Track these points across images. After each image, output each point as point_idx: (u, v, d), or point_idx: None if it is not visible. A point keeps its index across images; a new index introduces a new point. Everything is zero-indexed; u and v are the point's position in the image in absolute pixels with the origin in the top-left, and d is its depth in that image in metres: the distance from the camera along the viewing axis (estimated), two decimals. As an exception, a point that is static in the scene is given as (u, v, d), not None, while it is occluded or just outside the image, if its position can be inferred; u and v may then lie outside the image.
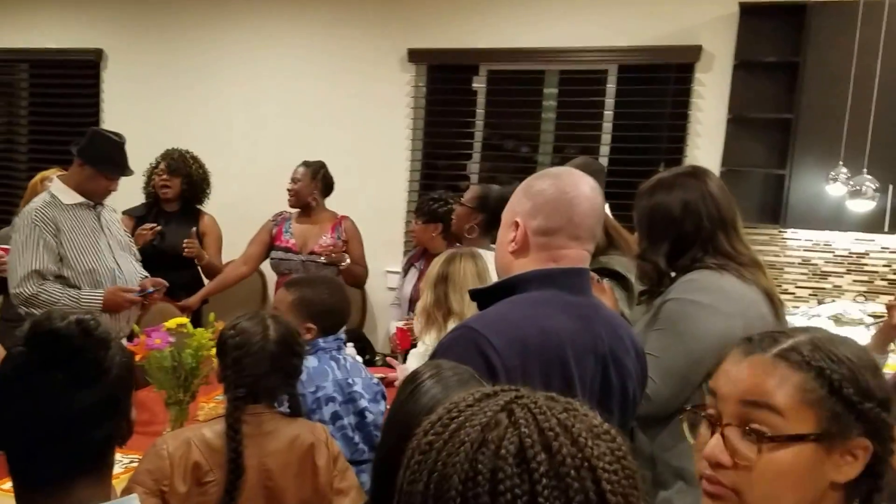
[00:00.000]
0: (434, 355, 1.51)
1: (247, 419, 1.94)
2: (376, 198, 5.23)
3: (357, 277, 4.38)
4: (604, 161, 4.82)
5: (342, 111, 5.36)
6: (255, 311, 2.09)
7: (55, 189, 3.35)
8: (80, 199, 3.33)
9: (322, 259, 4.20)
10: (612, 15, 4.78)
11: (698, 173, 2.16)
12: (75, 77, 6.04)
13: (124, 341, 2.93)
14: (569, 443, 0.71)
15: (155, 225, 4.26)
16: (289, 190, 4.30)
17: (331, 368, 2.46)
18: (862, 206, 3.99)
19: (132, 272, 3.46)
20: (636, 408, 1.69)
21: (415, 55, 5.16)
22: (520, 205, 1.64)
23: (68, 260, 3.25)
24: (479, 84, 5.18)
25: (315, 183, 4.33)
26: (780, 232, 4.59)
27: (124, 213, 4.32)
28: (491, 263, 2.51)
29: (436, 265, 3.05)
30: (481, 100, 5.20)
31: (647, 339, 2.04)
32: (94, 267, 3.30)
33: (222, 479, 1.90)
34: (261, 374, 1.97)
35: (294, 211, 4.40)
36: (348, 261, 4.22)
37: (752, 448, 1.04)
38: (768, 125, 4.43)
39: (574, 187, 1.61)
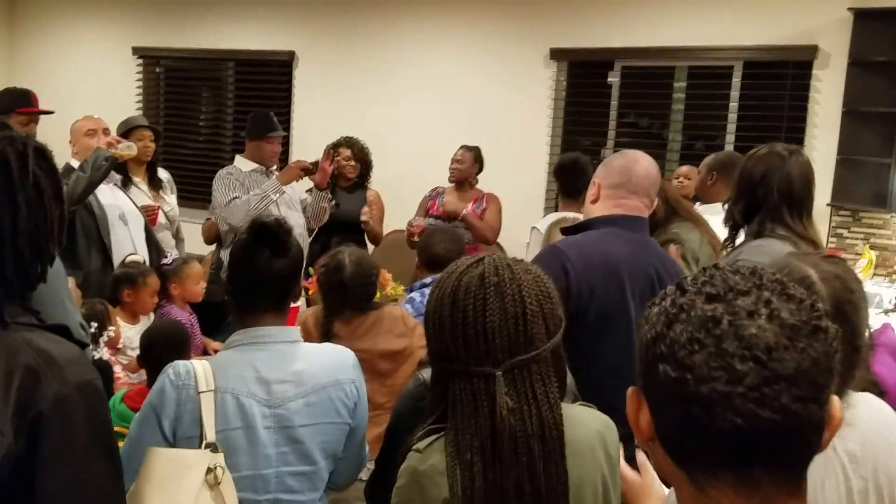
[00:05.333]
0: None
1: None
2: (519, 181, 5.86)
3: (483, 237, 4.97)
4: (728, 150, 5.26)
5: (492, 103, 6.06)
6: (343, 250, 2.84)
7: (236, 161, 4.52)
8: (255, 165, 4.43)
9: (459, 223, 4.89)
10: (737, 16, 5.21)
11: (785, 154, 2.56)
12: (272, 75, 7.05)
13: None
14: (509, 272, 1.34)
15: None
16: (453, 169, 5.05)
17: None
18: None
19: (299, 224, 4.38)
20: None
21: (556, 54, 5.80)
22: (598, 171, 2.38)
23: None
24: (613, 79, 5.75)
25: (475, 165, 5.09)
26: (893, 217, 4.87)
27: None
28: None
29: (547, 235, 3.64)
30: (615, 93, 5.75)
31: None
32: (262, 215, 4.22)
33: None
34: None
35: (448, 186, 5.15)
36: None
37: None
38: (879, 118, 4.75)
39: (634, 160, 2.34)
